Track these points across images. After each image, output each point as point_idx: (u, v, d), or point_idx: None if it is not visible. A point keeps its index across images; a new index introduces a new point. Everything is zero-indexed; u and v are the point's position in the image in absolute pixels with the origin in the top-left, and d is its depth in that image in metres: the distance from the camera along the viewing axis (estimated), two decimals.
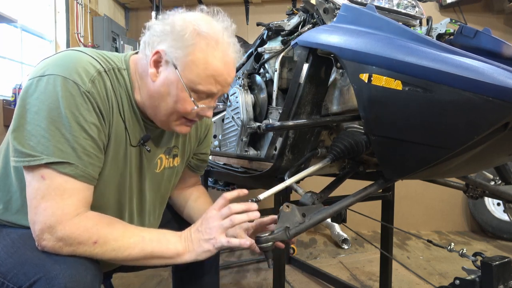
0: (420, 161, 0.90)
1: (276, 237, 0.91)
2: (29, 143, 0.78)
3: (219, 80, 0.90)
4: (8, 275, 0.78)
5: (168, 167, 1.09)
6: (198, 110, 0.92)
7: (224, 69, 0.90)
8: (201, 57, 0.86)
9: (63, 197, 0.79)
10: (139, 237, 0.85)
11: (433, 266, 2.51)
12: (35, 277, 0.75)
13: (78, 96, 0.80)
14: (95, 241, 0.80)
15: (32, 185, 0.80)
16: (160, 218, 1.16)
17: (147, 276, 2.21)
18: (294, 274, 2.37)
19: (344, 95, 1.24)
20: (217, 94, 0.94)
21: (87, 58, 0.86)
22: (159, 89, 0.90)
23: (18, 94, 2.30)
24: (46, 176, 0.78)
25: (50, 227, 0.78)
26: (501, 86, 0.73)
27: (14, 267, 0.78)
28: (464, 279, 1.08)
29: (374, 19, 0.97)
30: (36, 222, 0.79)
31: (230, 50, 0.92)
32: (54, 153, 0.78)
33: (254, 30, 3.49)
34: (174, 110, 0.91)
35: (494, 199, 3.05)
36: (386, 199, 1.73)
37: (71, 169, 0.80)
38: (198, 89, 0.89)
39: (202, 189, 1.28)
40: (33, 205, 0.79)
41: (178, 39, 0.86)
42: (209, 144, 1.26)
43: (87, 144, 0.82)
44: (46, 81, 0.80)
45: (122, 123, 0.92)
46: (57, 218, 0.78)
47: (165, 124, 0.96)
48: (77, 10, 2.89)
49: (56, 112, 0.79)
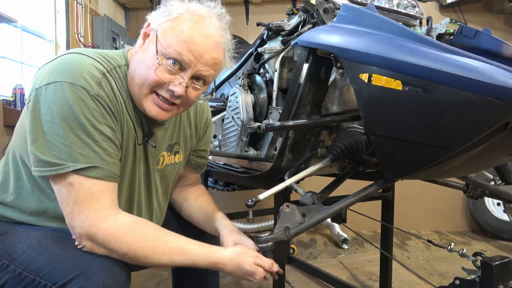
0: (420, 161, 0.90)
1: (276, 237, 0.91)
2: (52, 153, 0.80)
3: (191, 48, 0.86)
4: (41, 272, 0.80)
5: (170, 164, 1.10)
6: (165, 78, 0.87)
7: (201, 41, 0.86)
8: (180, 24, 0.86)
9: (92, 200, 0.82)
10: (170, 258, 0.87)
11: (433, 266, 2.51)
12: (72, 274, 0.77)
13: (89, 101, 0.82)
14: (125, 252, 0.83)
15: (62, 192, 0.82)
16: (164, 213, 1.17)
17: (147, 276, 2.22)
18: (294, 274, 2.36)
19: (344, 95, 1.24)
20: (190, 66, 0.87)
21: (89, 61, 0.86)
22: (137, 58, 0.91)
23: (18, 94, 2.30)
24: (74, 182, 0.81)
25: (86, 232, 0.81)
26: (501, 86, 0.73)
27: (47, 265, 0.81)
28: (464, 279, 1.08)
29: (374, 19, 0.97)
30: (74, 227, 0.82)
31: (214, 29, 0.89)
32: (79, 159, 0.80)
33: (254, 30, 3.48)
34: (145, 79, 0.88)
35: (494, 199, 3.05)
36: (386, 199, 1.73)
37: (98, 172, 0.82)
38: (169, 53, 0.86)
39: (202, 188, 1.28)
40: (67, 211, 0.83)
41: (166, 10, 0.89)
42: (208, 141, 1.26)
43: (107, 145, 0.84)
44: (53, 89, 0.80)
45: (131, 121, 0.94)
46: (91, 222, 0.81)
47: (138, 99, 0.91)
48: (77, 10, 2.88)
49: (71, 119, 0.80)
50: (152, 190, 1.07)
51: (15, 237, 0.88)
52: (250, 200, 0.97)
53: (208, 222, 1.13)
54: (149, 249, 0.85)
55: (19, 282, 0.82)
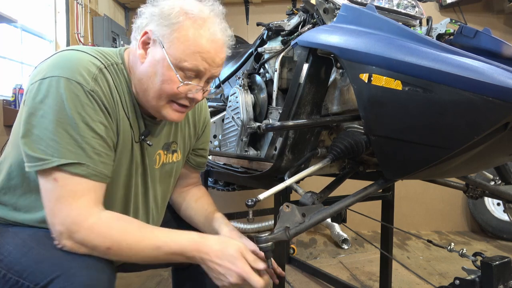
0: (420, 161, 0.90)
1: (276, 237, 0.91)
2: (39, 147, 0.79)
3: (205, 57, 0.87)
4: (23, 274, 0.79)
5: (167, 163, 1.09)
6: (185, 90, 0.90)
7: (210, 47, 0.88)
8: (187, 34, 0.86)
9: (75, 197, 0.80)
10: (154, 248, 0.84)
11: (433, 266, 2.51)
12: (53, 275, 0.76)
13: (82, 96, 0.81)
14: (109, 247, 0.81)
15: (46, 188, 0.81)
16: (163, 214, 1.17)
17: (147, 276, 2.21)
18: (294, 274, 2.36)
19: (344, 95, 1.24)
20: (205, 73, 0.90)
21: (87, 57, 0.86)
22: (146, 70, 0.90)
23: (18, 94, 2.30)
24: (59, 178, 0.79)
25: (67, 230, 0.79)
26: (501, 86, 0.73)
27: (29, 266, 0.79)
28: (464, 279, 1.08)
29: (374, 19, 0.97)
30: (54, 224, 0.80)
31: (217, 29, 0.90)
32: (64, 155, 0.79)
33: (254, 30, 3.48)
34: (162, 92, 0.89)
35: (494, 199, 3.05)
36: (386, 199, 1.74)
37: (83, 169, 0.81)
38: (184, 66, 0.87)
39: (203, 190, 1.27)
40: (49, 207, 0.81)
41: (165, 17, 0.87)
42: (207, 140, 1.25)
43: (96, 143, 0.83)
44: (48, 84, 0.80)
45: (127, 119, 0.93)
46: (73, 219, 0.79)
47: (155, 109, 0.93)
48: (77, 10, 2.88)
49: (62, 114, 0.79)
50: (149, 191, 1.05)
51: (4, 238, 0.87)
52: (250, 200, 0.97)
53: (207, 223, 1.12)
54: (133, 240, 0.82)
55: (4, 283, 0.81)
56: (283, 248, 1.91)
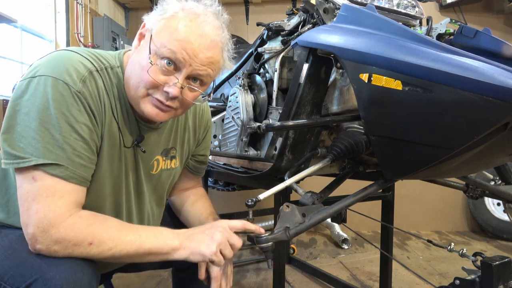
0: (420, 161, 0.90)
1: (276, 237, 0.91)
2: (19, 145, 0.77)
3: (185, 47, 0.83)
4: (5, 277, 0.78)
5: (165, 169, 1.07)
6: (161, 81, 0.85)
7: (195, 39, 0.84)
8: (176, 24, 0.85)
9: (54, 198, 0.78)
10: (136, 235, 0.84)
11: (433, 266, 2.51)
12: (31, 278, 0.74)
13: (68, 97, 0.79)
14: (91, 242, 0.79)
15: (23, 187, 0.78)
16: (159, 219, 1.15)
17: (147, 276, 2.22)
18: (294, 274, 2.36)
19: (344, 95, 1.24)
20: (184, 66, 0.85)
21: (78, 58, 0.84)
22: (133, 59, 0.89)
23: None
24: (37, 177, 0.77)
25: (43, 230, 0.76)
26: (501, 86, 0.73)
27: (10, 269, 0.78)
28: (464, 279, 1.08)
29: (374, 19, 0.97)
30: (28, 225, 0.77)
31: (209, 27, 0.87)
32: (44, 154, 0.77)
33: (254, 30, 3.48)
34: (139, 80, 0.86)
35: (494, 199, 3.05)
36: (386, 199, 1.74)
37: (61, 171, 0.78)
38: (162, 53, 0.84)
39: (202, 192, 1.25)
40: (24, 207, 0.78)
41: (162, 9, 0.88)
42: (208, 146, 1.23)
43: (78, 145, 0.81)
44: (36, 82, 0.79)
45: (116, 124, 0.91)
46: (50, 220, 0.76)
47: (135, 101, 0.89)
48: (77, 10, 2.88)
49: (46, 113, 0.77)
50: (143, 196, 1.03)
51: None
52: (250, 200, 0.97)
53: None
54: (114, 231, 0.81)
55: None
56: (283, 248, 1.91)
